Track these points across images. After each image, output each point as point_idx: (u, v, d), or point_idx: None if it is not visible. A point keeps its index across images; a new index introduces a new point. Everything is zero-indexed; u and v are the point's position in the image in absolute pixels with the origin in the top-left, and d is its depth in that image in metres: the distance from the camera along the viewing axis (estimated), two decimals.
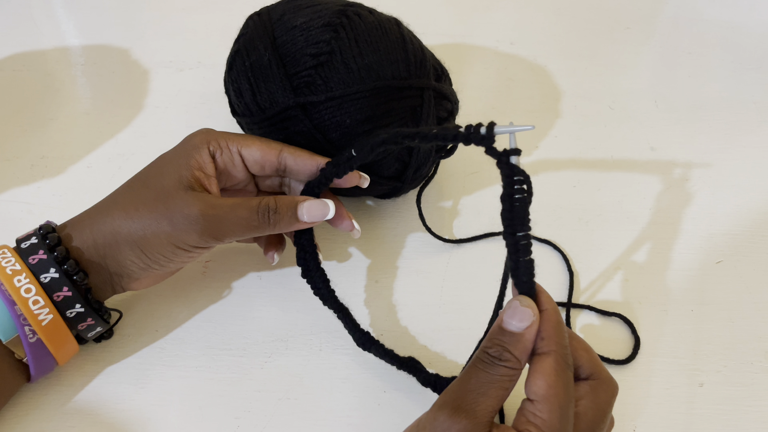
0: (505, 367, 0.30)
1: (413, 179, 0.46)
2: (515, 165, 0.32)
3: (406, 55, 0.43)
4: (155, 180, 0.38)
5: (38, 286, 0.35)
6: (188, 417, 0.39)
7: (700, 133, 0.59)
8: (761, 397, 0.40)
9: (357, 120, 0.41)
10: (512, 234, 0.32)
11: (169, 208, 0.37)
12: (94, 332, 0.39)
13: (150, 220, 0.37)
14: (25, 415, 0.39)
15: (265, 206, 0.37)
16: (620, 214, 0.51)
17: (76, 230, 0.38)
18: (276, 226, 0.38)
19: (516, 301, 0.31)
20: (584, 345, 0.34)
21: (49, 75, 0.63)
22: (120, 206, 0.38)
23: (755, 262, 0.48)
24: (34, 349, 0.36)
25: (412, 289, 0.46)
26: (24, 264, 0.36)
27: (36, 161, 0.54)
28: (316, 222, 0.39)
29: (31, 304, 0.35)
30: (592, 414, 0.31)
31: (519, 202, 0.32)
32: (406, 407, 0.40)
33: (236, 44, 0.46)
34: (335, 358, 0.42)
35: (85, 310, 0.37)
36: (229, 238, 0.38)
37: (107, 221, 0.37)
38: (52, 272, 0.36)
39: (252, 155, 0.40)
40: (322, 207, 0.39)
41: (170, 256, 0.37)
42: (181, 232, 0.36)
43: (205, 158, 0.39)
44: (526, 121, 0.59)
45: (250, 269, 0.47)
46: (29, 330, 0.35)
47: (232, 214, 0.37)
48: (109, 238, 0.37)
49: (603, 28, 0.72)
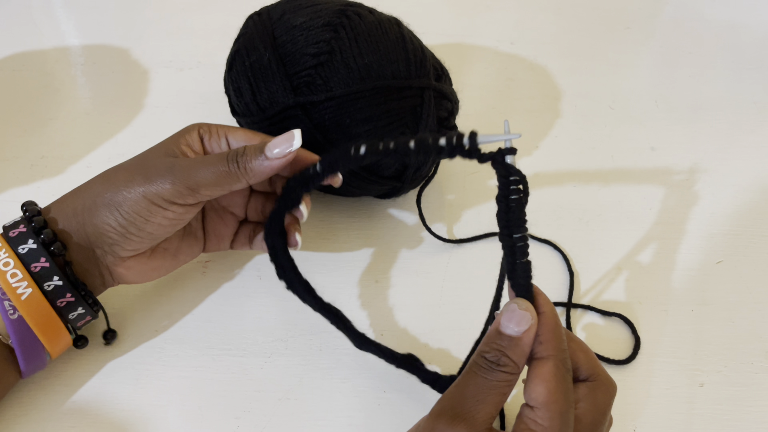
0: (503, 372, 0.30)
1: (413, 179, 0.46)
2: (511, 165, 0.32)
3: (406, 54, 0.43)
4: (141, 154, 0.39)
5: (16, 260, 0.35)
6: (188, 417, 0.39)
7: (700, 133, 0.59)
8: (761, 397, 0.40)
9: (357, 120, 0.41)
10: (509, 236, 0.32)
11: (144, 167, 0.37)
12: (77, 314, 0.38)
13: (126, 181, 0.37)
14: (24, 415, 0.38)
15: (234, 153, 0.37)
16: (620, 214, 0.51)
17: (58, 204, 0.38)
18: (246, 168, 0.37)
19: (513, 304, 0.31)
20: (582, 346, 0.34)
21: (49, 75, 0.63)
22: (101, 176, 0.39)
23: (755, 262, 0.48)
24: (17, 328, 0.35)
25: (412, 289, 0.46)
26: (3, 240, 0.36)
27: (36, 161, 0.54)
28: (286, 156, 0.37)
29: (9, 276, 0.35)
30: (591, 416, 0.31)
31: (515, 202, 0.31)
32: (406, 407, 0.40)
33: (236, 44, 0.46)
34: (335, 358, 0.42)
35: (62, 284, 0.36)
36: (204, 188, 0.37)
37: (87, 189, 0.38)
38: (30, 243, 0.36)
39: (237, 141, 0.40)
40: (287, 138, 0.37)
41: (145, 214, 0.37)
42: (154, 185, 0.36)
43: (194, 137, 0.39)
44: (526, 120, 0.59)
45: (250, 269, 0.47)
46: (9, 305, 0.35)
47: (204, 163, 0.37)
48: (88, 203, 0.37)
49: (603, 28, 0.72)
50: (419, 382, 0.40)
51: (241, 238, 0.44)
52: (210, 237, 0.43)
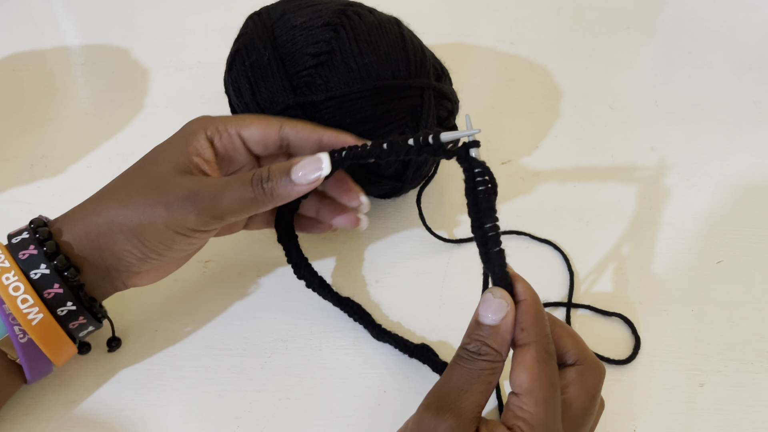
0: (485, 361, 0.30)
1: (413, 179, 0.46)
2: (474, 158, 0.32)
3: (406, 54, 0.43)
4: (150, 167, 0.37)
5: (27, 284, 0.34)
6: (188, 417, 0.39)
7: (700, 133, 0.59)
8: (761, 397, 0.40)
9: (357, 120, 0.41)
10: (479, 227, 0.32)
11: (162, 192, 0.35)
12: (86, 332, 0.38)
13: (145, 207, 0.35)
14: (25, 416, 0.38)
15: (258, 176, 0.35)
16: (620, 214, 0.51)
17: (68, 224, 0.36)
18: (273, 194, 0.35)
19: (489, 293, 0.31)
20: (568, 331, 0.34)
21: (48, 75, 0.63)
22: (113, 195, 0.36)
23: (755, 262, 0.48)
24: (26, 350, 0.35)
25: (412, 289, 0.46)
26: (13, 261, 0.34)
27: (36, 161, 0.54)
28: (314, 182, 0.35)
29: (19, 302, 0.34)
30: (581, 400, 0.31)
31: (482, 194, 0.32)
32: (406, 407, 0.39)
33: (236, 44, 0.46)
34: (335, 358, 0.42)
35: (76, 308, 0.35)
36: (229, 215, 0.35)
37: (100, 212, 0.36)
38: (43, 268, 0.34)
39: (252, 135, 0.38)
40: (314, 162, 0.35)
41: (169, 243, 0.36)
42: (178, 215, 0.35)
43: (202, 144, 0.37)
44: (526, 120, 0.59)
45: (250, 269, 0.47)
46: (19, 330, 0.34)
47: (227, 190, 0.35)
48: (104, 228, 0.35)
49: (603, 28, 0.72)
50: (419, 383, 0.40)
51: (256, 220, 0.43)
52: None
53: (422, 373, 0.41)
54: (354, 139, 0.38)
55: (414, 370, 0.41)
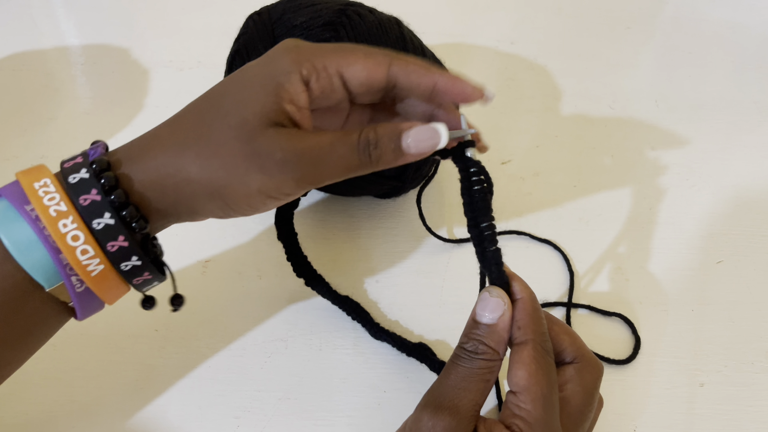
0: (482, 360, 0.30)
1: (413, 179, 0.46)
2: (469, 158, 0.32)
3: None
4: (233, 111, 0.31)
5: (88, 233, 0.29)
6: (188, 417, 0.39)
7: (700, 133, 0.59)
8: (762, 397, 0.40)
9: None
10: (475, 226, 0.32)
11: (256, 152, 0.30)
12: (150, 287, 0.34)
13: (235, 167, 0.30)
14: (25, 415, 0.38)
15: (365, 140, 0.30)
16: (620, 214, 0.51)
17: (137, 169, 0.31)
18: (379, 162, 0.31)
19: (486, 292, 0.31)
20: (566, 328, 0.34)
21: (49, 75, 0.63)
22: (194, 145, 0.31)
23: (755, 262, 0.48)
24: (82, 297, 0.31)
25: (412, 289, 0.46)
26: (72, 205, 0.29)
27: (36, 161, 0.54)
28: (425, 154, 0.31)
29: (79, 254, 0.29)
30: (579, 397, 0.31)
31: (478, 193, 0.32)
32: (406, 407, 0.39)
33: (236, 44, 0.46)
34: (335, 358, 0.42)
35: (142, 263, 0.31)
36: (329, 181, 0.32)
37: (180, 164, 0.31)
38: (107, 217, 0.30)
39: (356, 76, 0.32)
40: (431, 133, 0.30)
41: (259, 206, 0.32)
42: (275, 181, 0.30)
43: (297, 87, 0.31)
44: (526, 120, 0.59)
45: (250, 269, 0.47)
46: (76, 280, 0.30)
47: (331, 155, 0.30)
48: (184, 187, 0.31)
49: (603, 28, 0.72)
50: (420, 382, 0.40)
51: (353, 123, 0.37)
52: None
53: (422, 373, 0.41)
54: (471, 88, 0.33)
55: (414, 370, 0.41)
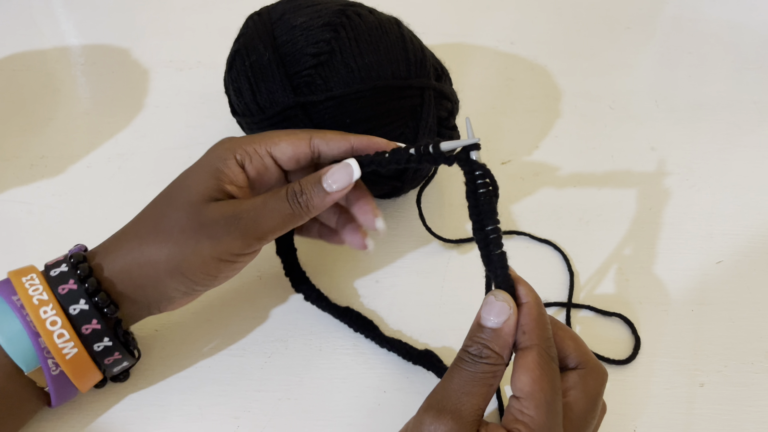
0: (486, 364, 0.30)
1: (413, 179, 0.46)
2: (474, 161, 0.32)
3: (406, 54, 0.43)
4: (182, 198, 0.36)
5: (65, 319, 0.34)
6: (188, 417, 0.39)
7: (700, 133, 0.59)
8: (762, 398, 0.40)
9: (357, 120, 0.41)
10: (481, 229, 0.32)
11: (203, 223, 0.35)
12: (120, 367, 0.37)
13: (187, 242, 0.35)
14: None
15: (292, 191, 0.35)
16: (620, 214, 0.51)
17: (108, 260, 0.36)
18: (309, 206, 0.35)
19: (491, 296, 0.31)
20: (570, 334, 0.34)
21: (49, 75, 0.63)
22: (150, 231, 0.36)
23: (755, 262, 0.48)
24: (57, 381, 0.35)
25: (412, 289, 0.46)
26: (52, 294, 0.34)
27: (36, 161, 0.54)
28: (346, 187, 0.35)
29: (55, 337, 0.33)
30: (582, 403, 0.31)
31: (483, 196, 0.32)
32: (406, 407, 0.40)
33: (236, 44, 0.46)
34: (335, 358, 0.42)
35: (113, 344, 0.35)
36: (271, 234, 0.36)
37: (142, 250, 0.35)
38: (82, 304, 0.34)
39: (284, 153, 0.37)
40: (344, 168, 0.35)
41: (214, 272, 0.36)
42: (223, 244, 0.34)
43: (234, 170, 0.37)
44: (526, 120, 0.59)
45: (250, 269, 0.47)
46: (52, 363, 0.34)
47: (266, 209, 0.35)
48: (147, 269, 0.35)
49: (603, 28, 0.72)
50: (419, 383, 0.40)
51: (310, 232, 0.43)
52: None
53: (422, 373, 0.41)
54: (385, 142, 0.38)
55: (414, 370, 0.41)
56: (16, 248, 0.48)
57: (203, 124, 0.58)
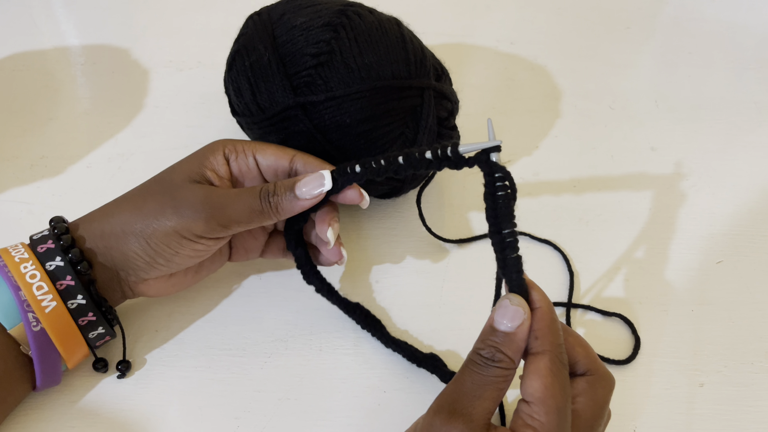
0: (498, 368, 0.30)
1: (413, 179, 0.46)
2: (495, 162, 0.32)
3: (406, 54, 0.43)
4: (166, 177, 0.39)
5: (43, 273, 0.36)
6: (188, 417, 0.39)
7: (700, 133, 0.59)
8: (761, 398, 0.40)
9: (357, 120, 0.41)
10: (498, 232, 0.32)
11: (174, 198, 0.37)
12: (97, 333, 0.38)
13: (156, 211, 0.37)
14: (25, 416, 0.38)
15: (265, 190, 0.37)
16: (620, 214, 0.51)
17: (85, 223, 0.39)
18: (278, 208, 0.37)
19: (506, 299, 0.31)
20: (580, 340, 0.34)
21: (49, 75, 0.63)
22: (129, 200, 0.39)
23: (755, 262, 0.48)
24: (38, 340, 0.35)
25: (412, 289, 0.46)
26: (32, 252, 0.36)
27: (36, 161, 0.54)
28: (316, 197, 0.37)
29: (34, 289, 0.35)
30: (590, 411, 0.31)
31: (502, 199, 0.32)
32: (406, 407, 0.40)
33: (236, 44, 0.46)
34: (335, 358, 0.42)
35: (86, 303, 0.37)
36: (235, 225, 0.37)
37: (115, 213, 0.38)
38: (57, 260, 0.36)
39: (266, 160, 0.40)
40: (317, 178, 0.37)
41: (175, 247, 0.37)
42: (187, 220, 0.37)
43: (219, 160, 0.40)
44: (526, 120, 0.59)
45: (250, 269, 0.47)
46: (33, 317, 0.35)
47: (236, 200, 0.37)
48: (116, 229, 0.37)
49: (603, 28, 0.72)
50: (419, 383, 0.40)
51: (273, 249, 0.44)
52: (237, 250, 0.43)
53: (422, 373, 0.41)
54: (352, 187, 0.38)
55: (414, 370, 0.41)
56: None
57: (203, 124, 0.58)
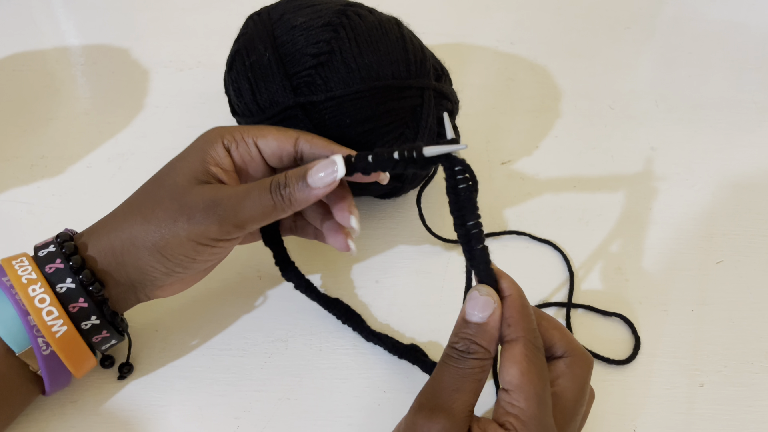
0: (474, 360, 0.30)
1: (413, 179, 0.46)
2: (454, 157, 0.32)
3: (406, 54, 0.43)
4: (168, 180, 0.37)
5: (53, 297, 0.34)
6: (188, 417, 0.39)
7: (700, 133, 0.59)
8: (761, 398, 0.40)
9: (357, 120, 0.41)
10: (462, 225, 0.32)
11: (184, 204, 0.35)
12: (109, 345, 0.38)
13: (166, 221, 0.35)
14: (25, 416, 0.38)
15: (276, 183, 0.35)
16: (620, 214, 0.51)
17: (93, 238, 0.36)
18: (291, 200, 0.35)
19: (475, 291, 0.31)
20: (555, 323, 0.34)
21: (49, 75, 0.63)
22: (135, 210, 0.36)
23: (755, 262, 0.48)
24: (48, 362, 0.35)
25: (412, 289, 0.46)
26: (40, 273, 0.35)
27: (36, 161, 0.54)
28: (330, 184, 0.35)
29: (44, 314, 0.34)
30: (571, 392, 0.31)
31: (463, 192, 0.32)
32: (406, 407, 0.39)
33: (236, 44, 0.46)
34: (335, 358, 0.42)
35: (100, 323, 0.36)
36: (251, 224, 0.35)
37: (124, 227, 0.36)
38: (68, 282, 0.35)
39: (268, 146, 0.38)
40: (329, 165, 0.34)
41: (192, 254, 0.36)
42: (200, 226, 0.35)
43: (220, 152, 0.37)
44: (526, 120, 0.59)
45: (250, 269, 0.47)
46: (42, 342, 0.34)
47: (247, 199, 0.35)
48: (127, 244, 0.36)
49: (603, 28, 0.72)
50: (419, 383, 0.40)
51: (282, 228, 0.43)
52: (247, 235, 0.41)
53: (422, 373, 0.41)
54: None
55: (414, 370, 0.41)
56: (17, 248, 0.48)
57: (203, 124, 0.58)
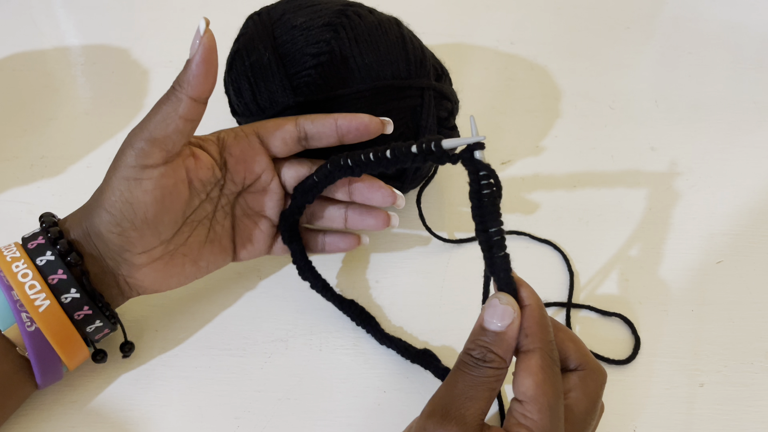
0: (490, 368, 0.30)
1: (413, 179, 0.46)
2: (479, 161, 0.32)
3: (406, 54, 0.43)
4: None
5: (35, 271, 0.35)
6: (188, 417, 0.39)
7: (700, 133, 0.59)
8: (761, 398, 0.40)
9: None
10: (484, 231, 0.31)
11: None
12: (94, 327, 0.37)
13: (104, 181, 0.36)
14: (25, 416, 0.39)
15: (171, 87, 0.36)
16: (620, 214, 0.51)
17: (70, 215, 0.38)
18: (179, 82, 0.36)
19: (495, 299, 0.31)
20: (570, 335, 0.34)
21: (49, 75, 0.63)
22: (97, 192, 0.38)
23: (755, 262, 0.48)
24: (34, 340, 0.35)
25: (412, 289, 0.46)
26: (23, 250, 0.36)
27: (36, 161, 0.54)
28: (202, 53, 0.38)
29: (27, 288, 0.34)
30: (583, 405, 0.31)
31: (487, 197, 0.31)
32: (406, 407, 0.40)
33: (236, 44, 0.46)
34: (335, 358, 0.42)
35: (80, 296, 0.36)
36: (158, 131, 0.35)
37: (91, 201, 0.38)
38: (48, 255, 0.35)
39: (268, 130, 0.39)
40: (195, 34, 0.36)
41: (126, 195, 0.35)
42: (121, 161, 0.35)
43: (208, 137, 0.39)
44: (526, 120, 0.59)
45: (250, 269, 0.47)
46: (27, 317, 0.34)
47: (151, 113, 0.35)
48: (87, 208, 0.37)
49: (603, 28, 0.72)
50: (419, 383, 0.40)
51: (280, 244, 0.43)
52: (243, 243, 0.42)
53: (422, 373, 0.41)
54: (368, 117, 0.39)
55: (414, 370, 0.41)
56: None
57: (203, 124, 0.57)
